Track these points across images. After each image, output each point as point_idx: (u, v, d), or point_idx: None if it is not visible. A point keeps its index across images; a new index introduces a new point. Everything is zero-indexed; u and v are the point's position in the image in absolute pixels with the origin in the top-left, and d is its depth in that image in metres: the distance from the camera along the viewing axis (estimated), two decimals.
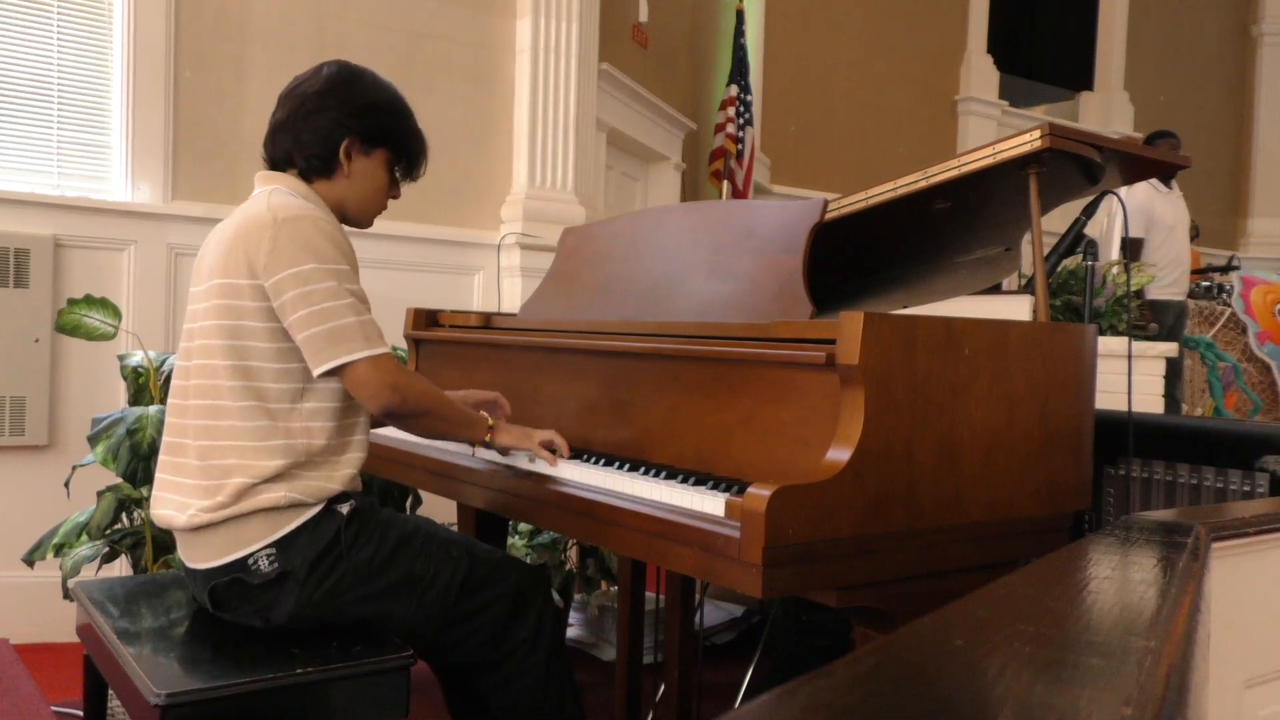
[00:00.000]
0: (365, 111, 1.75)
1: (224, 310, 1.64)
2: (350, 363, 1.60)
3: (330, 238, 1.64)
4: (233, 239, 1.66)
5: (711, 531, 1.38)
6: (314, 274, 1.60)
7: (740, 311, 1.79)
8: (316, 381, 1.65)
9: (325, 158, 1.74)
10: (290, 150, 1.74)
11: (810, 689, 0.54)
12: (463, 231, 3.72)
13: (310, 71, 1.78)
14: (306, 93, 1.74)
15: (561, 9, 3.82)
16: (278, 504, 1.63)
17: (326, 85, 1.74)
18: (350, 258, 1.67)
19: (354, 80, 1.77)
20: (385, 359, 1.63)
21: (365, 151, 1.77)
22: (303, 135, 1.73)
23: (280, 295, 1.60)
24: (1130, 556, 0.97)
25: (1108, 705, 0.54)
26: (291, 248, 1.60)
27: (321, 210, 1.71)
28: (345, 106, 1.73)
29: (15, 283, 2.98)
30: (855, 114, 6.71)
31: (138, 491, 2.49)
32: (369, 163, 1.77)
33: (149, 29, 3.18)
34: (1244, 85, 8.77)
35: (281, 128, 1.75)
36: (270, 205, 1.65)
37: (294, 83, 1.79)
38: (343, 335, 1.60)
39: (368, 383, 1.62)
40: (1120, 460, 2.02)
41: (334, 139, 1.73)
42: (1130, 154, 1.88)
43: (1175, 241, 5.34)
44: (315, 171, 1.75)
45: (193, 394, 1.68)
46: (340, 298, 1.61)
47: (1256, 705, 1.18)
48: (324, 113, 1.73)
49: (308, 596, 1.65)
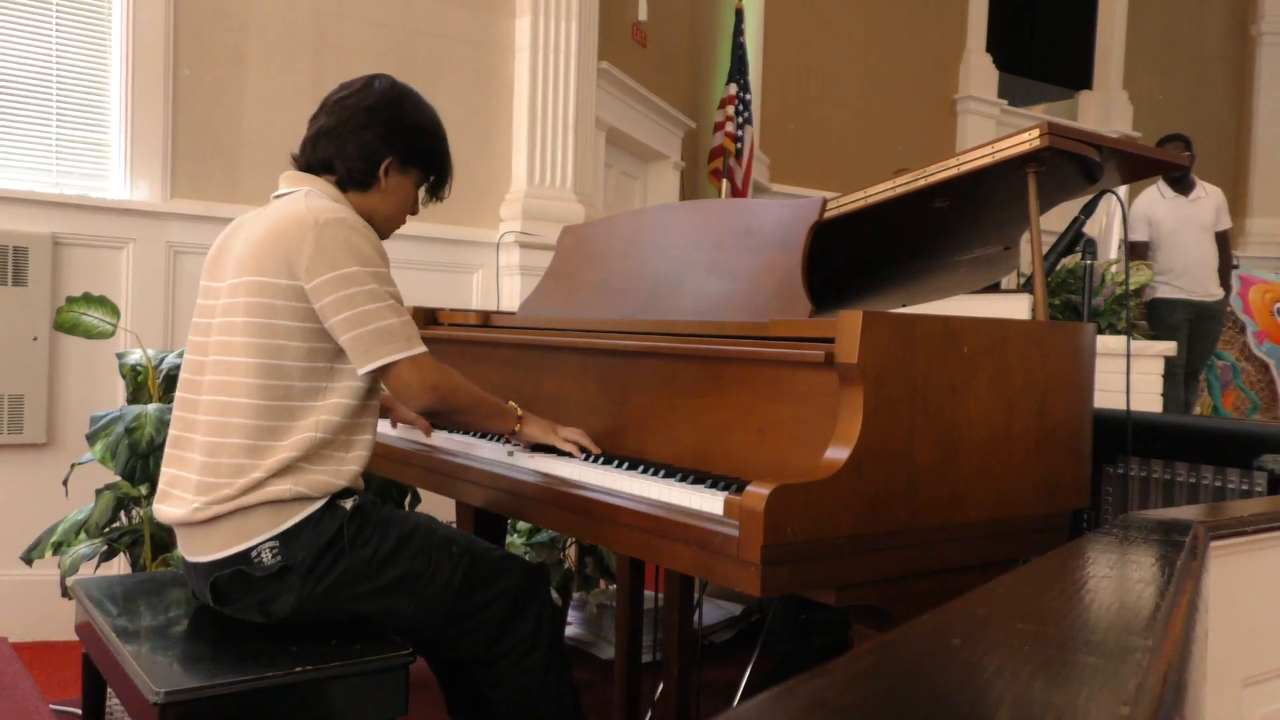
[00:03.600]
0: (411, 133, 1.80)
1: (254, 308, 1.65)
2: (394, 363, 1.65)
3: (370, 240, 1.68)
4: (268, 237, 1.66)
5: (710, 530, 1.38)
6: (357, 276, 1.63)
7: (739, 310, 1.79)
8: (338, 380, 1.68)
9: (366, 172, 1.78)
10: (331, 158, 1.77)
11: (809, 687, 0.54)
12: (462, 230, 3.72)
13: (361, 83, 1.81)
14: (358, 106, 1.77)
15: (561, 8, 3.82)
16: (282, 496, 1.63)
17: (378, 102, 1.78)
18: (387, 260, 1.71)
19: (403, 100, 1.81)
20: (424, 358, 1.69)
21: (402, 170, 1.81)
22: (348, 147, 1.76)
23: (323, 297, 1.62)
24: (1129, 555, 0.97)
25: (1106, 704, 0.54)
26: (335, 250, 1.63)
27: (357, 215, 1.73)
28: (393, 125, 1.78)
29: (14, 281, 2.98)
30: (854, 113, 6.71)
31: (136, 489, 2.49)
32: (403, 180, 1.83)
33: (148, 27, 3.18)
34: (1243, 85, 8.77)
35: (327, 134, 1.78)
36: (310, 208, 1.67)
37: (343, 92, 1.81)
38: (387, 336, 1.64)
39: (410, 384, 1.68)
40: (1119, 459, 2.02)
41: (378, 156, 1.77)
42: (1129, 153, 1.88)
43: (1178, 245, 5.35)
44: (353, 183, 1.78)
45: (206, 390, 1.69)
46: (382, 299, 1.65)
47: (1255, 704, 1.18)
48: (372, 129, 1.76)
49: (309, 591, 1.65)
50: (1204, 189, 5.48)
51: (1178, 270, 5.35)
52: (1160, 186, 5.48)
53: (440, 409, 1.74)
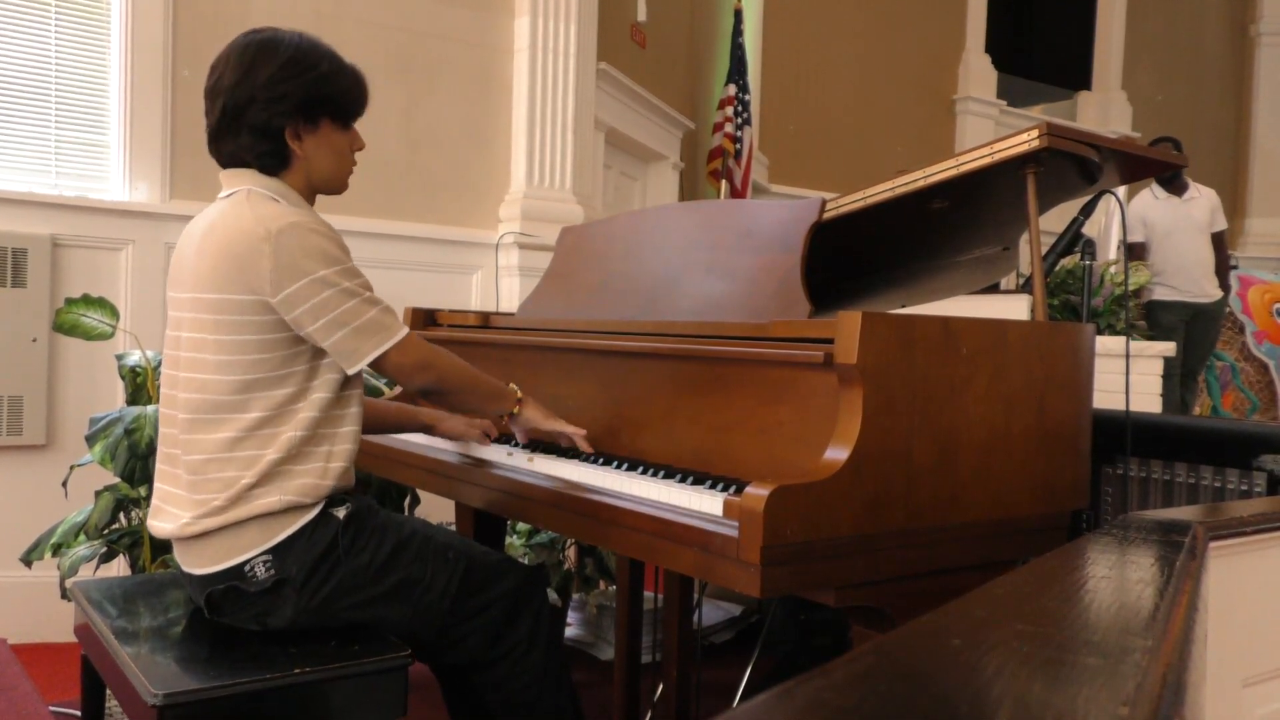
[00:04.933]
0: (292, 84, 1.64)
1: (222, 325, 1.61)
2: (382, 354, 1.63)
3: (325, 236, 1.61)
4: (221, 252, 1.60)
5: (710, 531, 1.38)
6: (325, 279, 1.58)
7: (738, 311, 1.79)
8: (313, 378, 1.65)
9: (276, 152, 1.67)
10: (237, 151, 1.67)
11: (808, 688, 0.54)
12: (461, 230, 3.72)
13: (221, 60, 1.69)
14: (226, 87, 1.65)
15: (560, 8, 3.82)
16: (272, 509, 1.61)
17: (241, 74, 1.63)
18: (345, 249, 1.65)
19: (260, 55, 1.64)
20: (409, 340, 1.66)
21: (312, 126, 1.68)
22: (242, 137, 1.65)
23: (295, 308, 1.58)
24: (1128, 556, 0.97)
25: (1105, 704, 0.54)
26: (295, 258, 1.57)
27: (303, 209, 1.67)
28: (269, 89, 1.62)
29: (13, 282, 2.97)
30: (853, 113, 6.71)
31: (136, 491, 2.49)
32: (318, 136, 1.69)
33: (147, 28, 3.18)
34: (1242, 85, 8.77)
35: (219, 133, 1.68)
36: (257, 216, 1.59)
37: (211, 76, 1.69)
38: (368, 330, 1.61)
39: (402, 366, 1.65)
40: (1118, 459, 2.02)
41: (275, 129, 1.65)
42: (1128, 153, 1.88)
43: (1173, 246, 5.36)
44: (273, 167, 1.68)
45: (182, 406, 1.66)
46: (354, 295, 1.61)
47: (1254, 704, 1.18)
48: (253, 105, 1.63)
49: (304, 603, 1.64)
50: (1197, 189, 5.49)
51: (1172, 271, 5.36)
52: (1153, 188, 5.49)
53: (438, 387, 1.71)
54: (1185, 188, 5.44)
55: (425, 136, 3.65)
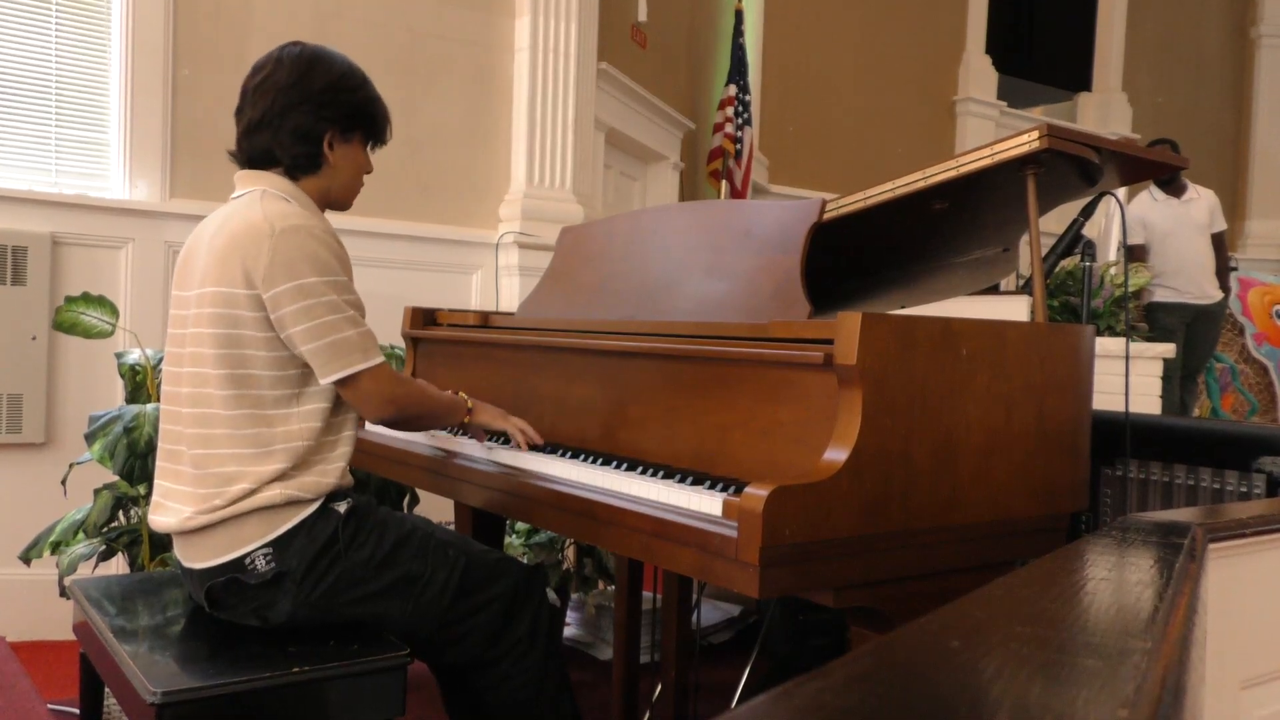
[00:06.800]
0: (339, 96, 1.71)
1: (218, 319, 1.63)
2: (353, 375, 1.63)
3: (329, 246, 1.64)
4: (227, 247, 1.63)
5: (709, 531, 1.38)
6: (315, 287, 1.60)
7: (738, 311, 1.79)
8: (310, 385, 1.66)
9: (310, 154, 1.72)
10: (271, 149, 1.70)
11: (807, 689, 0.54)
12: (461, 230, 3.72)
13: (271, 61, 1.73)
14: (278, 86, 1.69)
15: (560, 8, 3.82)
16: (274, 502, 1.62)
17: (296, 77, 1.70)
18: (347, 265, 1.68)
19: (315, 64, 1.72)
20: (382, 369, 1.67)
21: (345, 138, 1.75)
22: (282, 134, 1.69)
23: (280, 308, 1.60)
24: (1127, 557, 0.97)
25: (1104, 706, 0.54)
26: (292, 259, 1.59)
27: (315, 216, 1.70)
28: (320, 96, 1.70)
29: (13, 280, 2.97)
30: (854, 114, 6.71)
31: (135, 489, 2.49)
32: (349, 149, 1.77)
33: (147, 27, 3.18)
34: (1242, 87, 8.77)
35: (257, 126, 1.71)
36: (266, 214, 1.63)
37: (258, 76, 1.73)
38: (345, 348, 1.62)
39: (369, 396, 1.66)
40: (1117, 461, 2.02)
41: (316, 133, 1.71)
42: (1128, 155, 1.88)
43: (1172, 248, 5.36)
44: (301, 169, 1.72)
45: (185, 402, 1.68)
46: (340, 310, 1.62)
47: (1253, 706, 1.19)
48: (301, 107, 1.69)
49: (304, 597, 1.64)
50: (1196, 190, 5.49)
51: (1172, 272, 5.36)
52: (1152, 190, 5.49)
53: (396, 420, 1.74)
54: (1184, 189, 5.44)
55: (425, 136, 3.65)
